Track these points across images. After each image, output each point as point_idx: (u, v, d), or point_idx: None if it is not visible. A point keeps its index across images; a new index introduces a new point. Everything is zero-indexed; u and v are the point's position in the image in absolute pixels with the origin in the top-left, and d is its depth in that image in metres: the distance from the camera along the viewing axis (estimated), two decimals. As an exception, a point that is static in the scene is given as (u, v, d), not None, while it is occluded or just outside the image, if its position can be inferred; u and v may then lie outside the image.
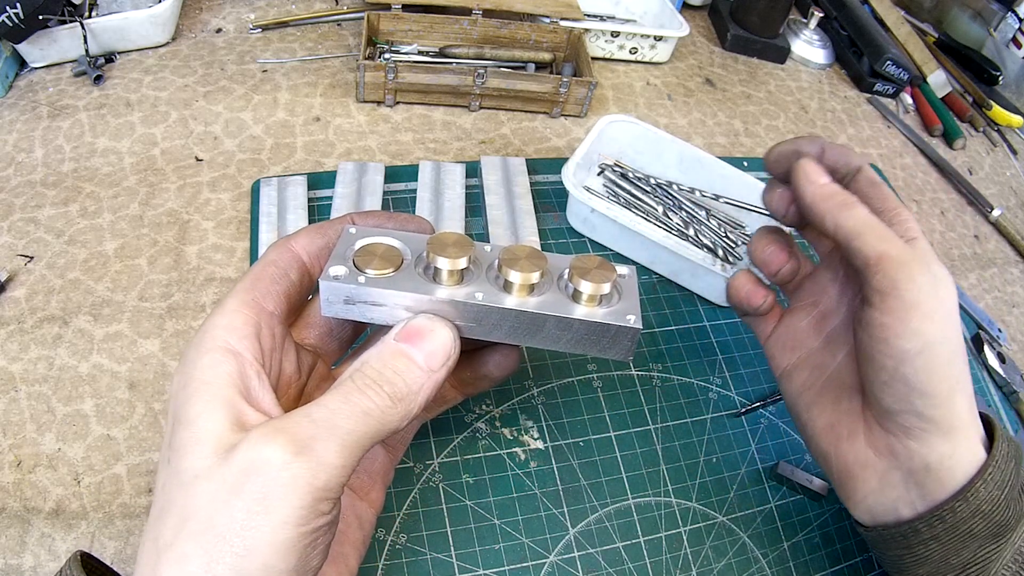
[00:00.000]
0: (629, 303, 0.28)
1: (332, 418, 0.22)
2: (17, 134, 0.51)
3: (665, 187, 0.53)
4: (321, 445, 0.22)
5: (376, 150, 0.55)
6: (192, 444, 0.22)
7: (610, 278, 0.27)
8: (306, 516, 0.21)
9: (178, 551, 0.20)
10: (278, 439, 0.21)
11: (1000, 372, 0.52)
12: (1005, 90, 0.82)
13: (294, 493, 0.21)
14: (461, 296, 0.26)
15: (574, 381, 0.43)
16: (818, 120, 0.71)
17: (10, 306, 0.42)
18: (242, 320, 0.25)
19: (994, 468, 0.27)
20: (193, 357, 0.24)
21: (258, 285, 0.26)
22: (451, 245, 0.27)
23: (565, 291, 0.28)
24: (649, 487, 0.40)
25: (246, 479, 0.21)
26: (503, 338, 0.28)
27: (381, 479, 0.31)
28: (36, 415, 0.38)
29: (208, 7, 0.65)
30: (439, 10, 0.62)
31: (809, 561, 0.39)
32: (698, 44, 0.76)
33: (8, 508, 0.34)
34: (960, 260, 0.62)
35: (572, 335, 0.28)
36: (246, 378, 0.23)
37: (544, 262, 0.27)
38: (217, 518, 0.20)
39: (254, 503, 0.20)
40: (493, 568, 0.35)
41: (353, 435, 0.22)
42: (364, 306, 0.27)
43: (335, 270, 0.26)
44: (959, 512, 0.27)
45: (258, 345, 0.25)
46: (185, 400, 0.23)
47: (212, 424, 0.22)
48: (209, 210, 0.49)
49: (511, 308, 0.27)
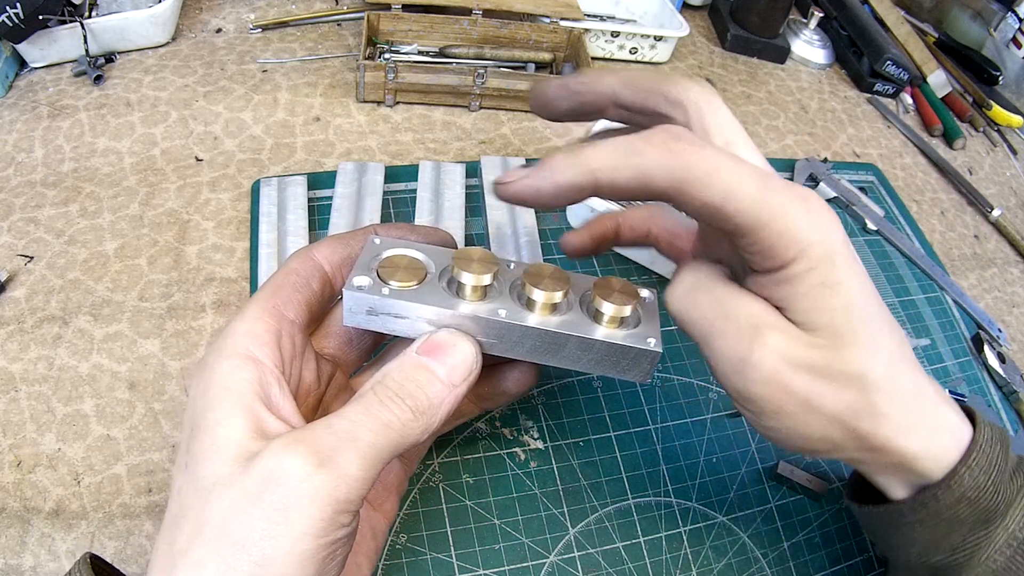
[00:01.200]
0: (650, 327, 0.28)
1: (353, 430, 0.22)
2: (17, 134, 0.51)
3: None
4: (342, 457, 0.21)
5: (376, 150, 0.55)
6: (212, 451, 0.22)
7: (632, 301, 0.27)
8: (326, 528, 0.21)
9: (193, 557, 0.20)
10: (300, 450, 0.21)
11: (1000, 372, 0.52)
12: (1005, 90, 0.82)
13: (315, 505, 0.21)
14: (484, 312, 0.26)
15: (574, 381, 0.43)
16: (818, 120, 0.71)
17: (10, 306, 0.42)
18: (263, 327, 0.24)
19: (979, 453, 0.26)
20: (213, 363, 0.24)
21: (279, 293, 0.26)
22: (476, 261, 0.27)
23: (587, 312, 0.28)
24: (649, 487, 0.40)
25: (266, 489, 0.21)
26: (524, 356, 0.28)
27: (396, 490, 0.31)
28: (36, 415, 0.38)
29: (208, 7, 0.65)
30: (439, 10, 0.62)
31: (809, 561, 0.39)
32: (698, 44, 0.76)
33: (8, 508, 0.34)
34: (960, 260, 0.62)
35: (592, 356, 0.28)
36: (266, 385, 0.23)
37: (567, 282, 0.27)
38: (235, 526, 0.20)
39: (274, 513, 0.20)
40: (493, 568, 0.35)
41: (374, 448, 0.22)
42: (387, 318, 0.27)
43: (359, 280, 0.26)
44: (942, 499, 0.26)
45: (279, 353, 0.25)
46: (205, 406, 0.23)
47: (232, 431, 0.22)
48: (209, 210, 0.49)
49: (533, 327, 0.27)
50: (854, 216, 0.60)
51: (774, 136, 0.67)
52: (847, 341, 0.25)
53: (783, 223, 0.23)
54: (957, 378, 0.51)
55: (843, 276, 0.24)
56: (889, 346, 0.26)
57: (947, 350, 0.52)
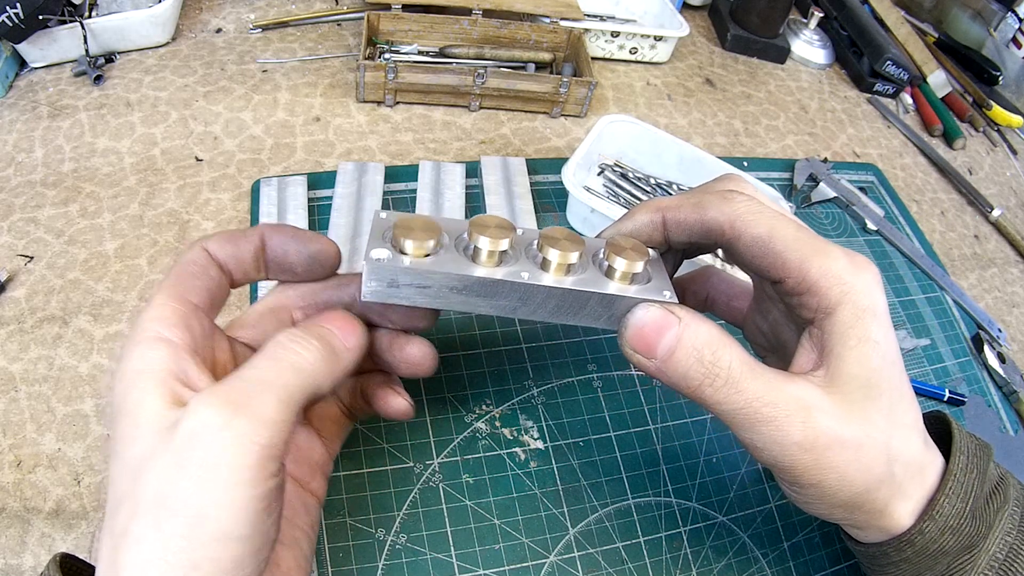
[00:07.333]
0: (662, 281, 0.29)
1: (263, 375, 0.23)
2: (17, 134, 0.51)
3: (665, 187, 0.53)
4: (257, 401, 0.22)
5: (376, 150, 0.55)
6: (133, 430, 0.22)
7: (643, 257, 0.28)
8: (254, 476, 0.21)
9: (133, 535, 0.20)
10: (214, 402, 0.21)
11: (1000, 372, 0.52)
12: (1005, 90, 0.82)
13: (238, 452, 0.21)
14: (505, 275, 0.27)
15: (574, 381, 0.43)
16: (818, 120, 0.71)
17: (10, 306, 0.42)
18: (170, 311, 0.25)
19: (954, 482, 0.27)
20: (126, 352, 0.24)
21: (181, 281, 0.26)
22: (493, 227, 0.27)
23: (600, 269, 0.28)
24: (649, 487, 0.40)
25: (190, 448, 0.21)
26: (546, 316, 0.28)
27: (320, 470, 0.31)
28: (36, 415, 0.38)
29: (208, 7, 0.65)
30: (439, 10, 0.62)
31: (809, 561, 0.39)
32: (698, 44, 0.76)
33: (8, 508, 0.34)
34: (960, 260, 0.62)
35: (613, 311, 0.28)
36: (181, 361, 0.23)
37: (582, 243, 0.28)
38: (167, 493, 0.20)
39: (201, 470, 0.20)
40: (493, 568, 0.35)
41: (287, 389, 0.23)
42: (409, 289, 0.27)
43: (377, 253, 0.26)
44: (927, 533, 0.27)
45: (188, 333, 0.25)
46: (123, 392, 0.23)
47: (150, 407, 0.22)
48: (209, 210, 0.49)
49: (556, 286, 0.27)
50: (854, 216, 0.60)
51: (774, 136, 0.67)
52: (874, 401, 0.26)
53: (827, 262, 0.26)
54: (957, 378, 0.51)
55: (883, 336, 0.26)
56: (909, 411, 0.27)
57: (947, 350, 0.52)
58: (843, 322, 0.26)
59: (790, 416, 0.25)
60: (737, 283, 0.35)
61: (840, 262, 0.26)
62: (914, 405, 0.28)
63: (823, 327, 0.27)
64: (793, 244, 0.27)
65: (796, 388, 0.26)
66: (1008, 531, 0.27)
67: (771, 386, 0.26)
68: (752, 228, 0.27)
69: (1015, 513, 0.28)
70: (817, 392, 0.26)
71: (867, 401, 0.26)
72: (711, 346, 0.26)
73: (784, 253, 0.27)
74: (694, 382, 0.26)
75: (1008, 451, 0.48)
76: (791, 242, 0.27)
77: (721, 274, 0.35)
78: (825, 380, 0.26)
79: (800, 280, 0.26)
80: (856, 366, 0.26)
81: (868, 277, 0.26)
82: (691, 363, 0.26)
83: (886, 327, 0.26)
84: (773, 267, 0.27)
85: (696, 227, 0.29)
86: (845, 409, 0.26)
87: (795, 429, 0.25)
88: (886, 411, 0.26)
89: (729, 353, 0.26)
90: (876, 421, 0.26)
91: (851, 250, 0.27)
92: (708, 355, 0.26)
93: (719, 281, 0.35)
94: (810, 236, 0.27)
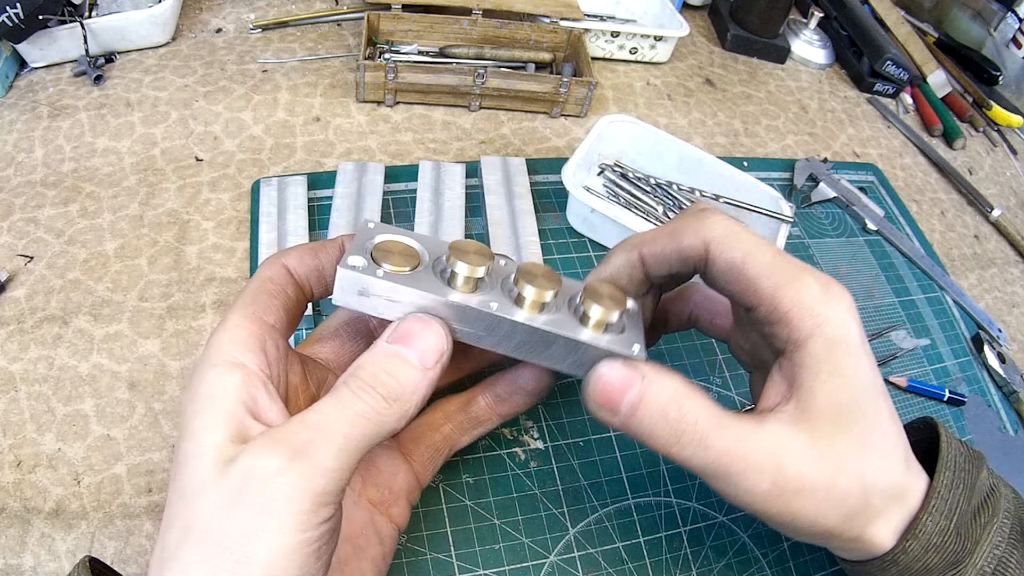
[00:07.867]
0: (635, 334, 0.28)
1: (326, 422, 0.23)
2: (17, 134, 0.51)
3: (665, 187, 0.53)
4: (316, 449, 0.22)
5: (376, 150, 0.55)
6: (194, 457, 0.22)
7: (619, 308, 0.27)
8: (305, 522, 0.21)
9: (180, 561, 0.21)
10: (273, 447, 0.22)
11: (1000, 372, 0.52)
12: (1005, 90, 0.82)
13: (291, 498, 0.21)
14: (476, 303, 0.27)
15: (574, 381, 0.43)
16: (818, 120, 0.71)
17: (10, 306, 0.42)
18: (246, 333, 0.25)
19: (938, 500, 0.27)
20: (200, 372, 0.24)
21: (258, 300, 0.26)
22: (472, 253, 0.27)
23: (574, 314, 0.28)
24: (649, 487, 0.40)
25: (245, 488, 0.21)
26: (511, 351, 0.28)
27: (405, 496, 0.31)
28: (36, 415, 0.38)
29: (208, 7, 0.65)
30: (439, 10, 0.62)
31: (809, 561, 0.39)
32: (698, 44, 0.76)
33: (8, 508, 0.35)
34: (960, 260, 0.62)
35: (577, 358, 0.28)
36: (252, 389, 0.24)
37: (559, 283, 0.27)
38: (218, 528, 0.21)
39: (253, 511, 0.21)
40: (493, 568, 0.35)
41: (348, 438, 0.23)
42: (378, 300, 0.27)
43: (353, 260, 0.26)
44: (911, 552, 0.27)
45: (264, 357, 0.25)
46: (192, 415, 0.23)
47: (214, 437, 0.22)
48: (209, 210, 0.49)
49: (522, 322, 0.27)
50: (854, 216, 0.60)
51: (774, 136, 0.67)
52: (846, 434, 0.26)
53: (799, 291, 0.26)
54: (957, 378, 0.51)
55: (856, 367, 0.26)
56: (887, 437, 0.27)
57: (947, 350, 0.52)
58: (813, 355, 0.26)
59: (760, 468, 0.25)
60: (720, 300, 0.34)
61: (812, 292, 0.26)
62: (894, 430, 0.27)
63: (793, 359, 0.26)
64: (766, 271, 0.26)
65: (765, 436, 0.25)
66: (997, 544, 0.27)
67: (739, 439, 0.25)
68: (727, 252, 0.27)
69: (1004, 525, 0.28)
70: (786, 433, 0.26)
71: (838, 434, 0.25)
72: (676, 403, 0.25)
73: (757, 280, 0.26)
74: (660, 440, 0.26)
75: (1008, 451, 0.48)
76: (764, 268, 0.26)
77: (704, 291, 0.35)
78: (795, 415, 0.26)
79: (772, 310, 0.26)
80: (825, 399, 0.25)
81: (841, 309, 0.26)
82: (656, 420, 0.26)
83: (860, 356, 0.26)
84: (745, 294, 0.27)
85: (673, 256, 0.29)
86: (815, 447, 0.25)
87: (764, 479, 0.25)
88: (859, 442, 0.26)
89: (696, 407, 0.26)
90: (848, 453, 0.26)
91: (827, 276, 0.27)
92: (674, 412, 0.25)
93: (702, 299, 0.35)
94: (785, 263, 0.27)
